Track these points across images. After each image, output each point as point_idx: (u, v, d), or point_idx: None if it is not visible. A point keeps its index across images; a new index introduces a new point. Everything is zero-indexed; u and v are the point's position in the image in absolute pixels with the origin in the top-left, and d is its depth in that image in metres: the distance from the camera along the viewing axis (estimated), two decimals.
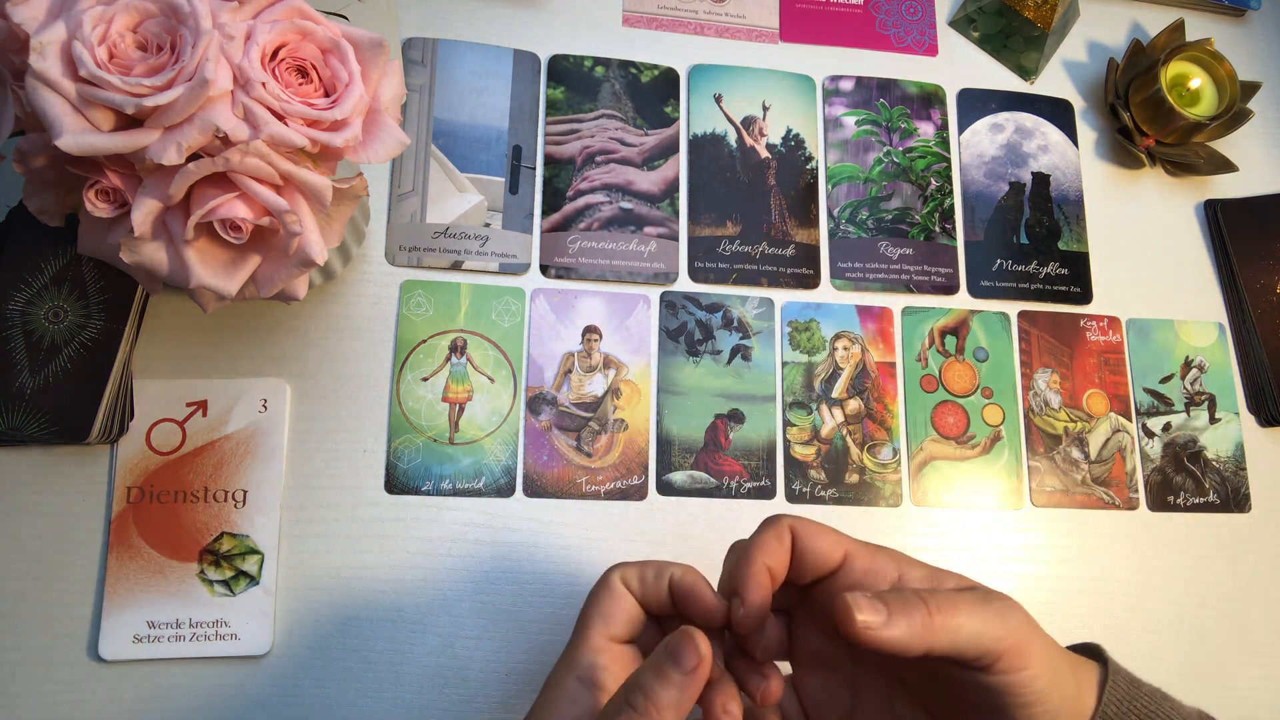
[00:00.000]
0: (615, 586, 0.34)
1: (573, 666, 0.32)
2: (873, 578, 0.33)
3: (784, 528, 0.33)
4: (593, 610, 0.34)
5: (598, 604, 0.34)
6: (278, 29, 0.36)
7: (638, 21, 0.60)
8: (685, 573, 0.34)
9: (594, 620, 0.33)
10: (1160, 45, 0.61)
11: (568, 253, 0.54)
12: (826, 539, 0.33)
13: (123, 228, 0.35)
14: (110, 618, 0.44)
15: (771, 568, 0.33)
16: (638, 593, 0.34)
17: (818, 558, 0.33)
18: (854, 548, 0.33)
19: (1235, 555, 0.55)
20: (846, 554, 0.33)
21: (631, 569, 0.35)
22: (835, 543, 0.33)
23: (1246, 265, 0.60)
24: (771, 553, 0.33)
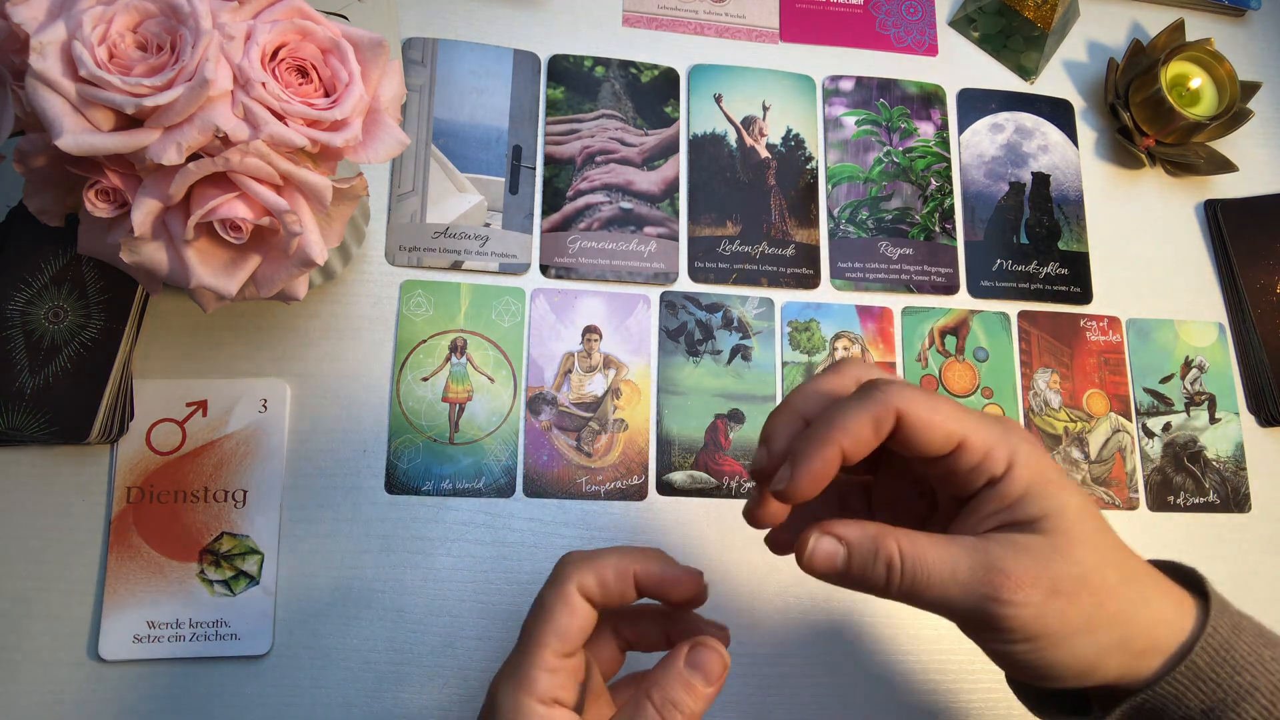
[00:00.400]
0: (573, 601, 0.31)
1: (532, 689, 0.30)
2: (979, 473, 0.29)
3: (888, 411, 0.28)
4: (546, 627, 0.31)
5: (553, 619, 0.31)
6: (278, 29, 0.36)
7: (638, 21, 0.60)
8: (648, 564, 0.32)
9: (548, 639, 0.31)
10: (1160, 45, 0.61)
11: (568, 253, 0.54)
12: (938, 429, 0.29)
13: (123, 228, 0.35)
14: (110, 618, 0.44)
15: (849, 452, 0.29)
16: (599, 601, 0.32)
17: (923, 447, 0.29)
18: (971, 434, 0.29)
19: (1235, 555, 0.55)
20: (960, 444, 0.29)
21: (589, 575, 0.31)
22: (949, 434, 0.29)
23: (1246, 265, 0.60)
24: (858, 439, 0.29)
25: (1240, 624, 0.30)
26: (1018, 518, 0.29)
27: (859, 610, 0.50)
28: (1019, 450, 0.29)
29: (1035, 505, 0.29)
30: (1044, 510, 0.29)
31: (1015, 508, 0.29)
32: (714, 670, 0.30)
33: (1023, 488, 0.29)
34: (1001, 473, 0.29)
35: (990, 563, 0.28)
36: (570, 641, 0.31)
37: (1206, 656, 0.29)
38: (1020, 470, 0.29)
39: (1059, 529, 0.29)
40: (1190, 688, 0.29)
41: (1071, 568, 0.28)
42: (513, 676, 0.31)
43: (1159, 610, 0.30)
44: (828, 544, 0.29)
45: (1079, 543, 0.29)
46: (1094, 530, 0.30)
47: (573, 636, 0.31)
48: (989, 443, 0.29)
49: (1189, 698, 0.29)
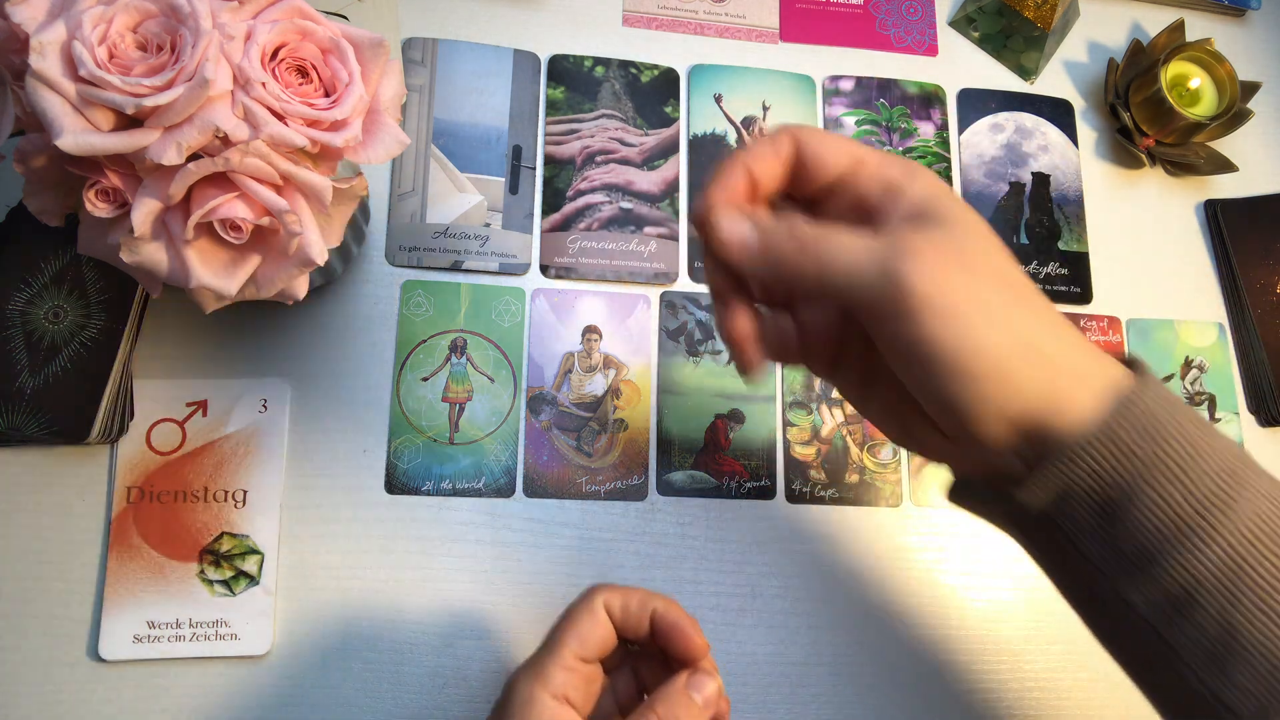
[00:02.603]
0: (598, 611, 0.34)
1: (547, 683, 0.33)
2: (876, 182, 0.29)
3: (785, 136, 0.30)
4: (570, 629, 0.34)
5: (576, 624, 0.34)
6: (278, 29, 0.36)
7: (638, 21, 0.60)
8: (669, 608, 0.35)
9: (570, 639, 0.34)
10: (1160, 45, 0.61)
11: (568, 253, 0.54)
12: (831, 146, 0.30)
13: (123, 228, 0.35)
14: (110, 618, 0.44)
15: (757, 173, 0.30)
16: (618, 620, 0.35)
17: (820, 164, 0.30)
18: (866, 154, 0.30)
19: None
20: (855, 160, 0.30)
21: (615, 595, 0.35)
22: (842, 150, 0.30)
23: (1246, 265, 0.60)
24: (760, 158, 0.30)
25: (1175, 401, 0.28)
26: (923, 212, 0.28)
27: (859, 609, 0.50)
28: (917, 170, 0.29)
29: (936, 206, 0.28)
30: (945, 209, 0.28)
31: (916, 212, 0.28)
32: (711, 693, 0.33)
33: (924, 192, 0.29)
34: (897, 178, 0.29)
35: (897, 241, 0.27)
36: (588, 646, 0.34)
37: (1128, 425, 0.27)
38: (921, 182, 0.29)
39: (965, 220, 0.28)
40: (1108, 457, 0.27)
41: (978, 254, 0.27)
42: (530, 670, 0.33)
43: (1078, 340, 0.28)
44: (739, 221, 0.30)
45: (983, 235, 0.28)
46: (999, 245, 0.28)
47: (591, 642, 0.34)
48: (887, 160, 0.29)
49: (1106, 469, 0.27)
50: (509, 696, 0.33)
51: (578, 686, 0.33)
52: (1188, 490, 0.27)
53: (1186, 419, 0.27)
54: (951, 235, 0.27)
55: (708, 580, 0.50)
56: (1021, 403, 0.27)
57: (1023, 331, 0.27)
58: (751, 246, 0.29)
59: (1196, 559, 0.27)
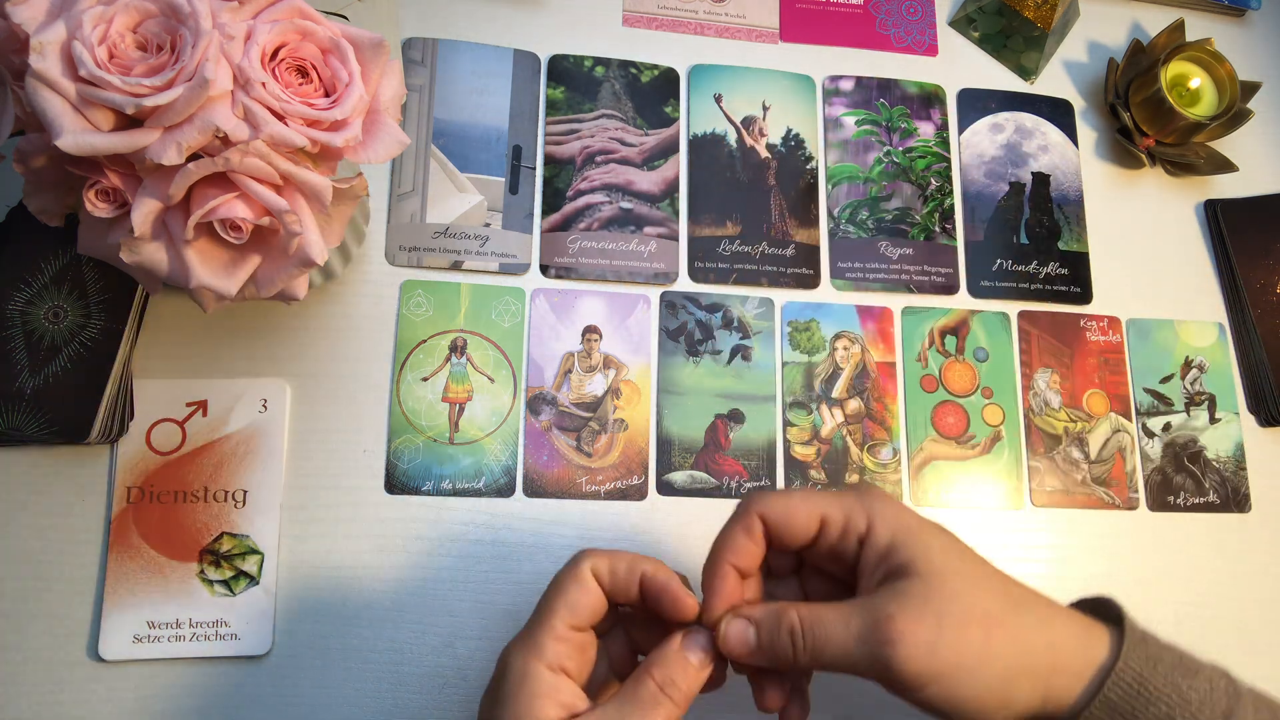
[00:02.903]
0: (585, 578, 0.34)
1: (541, 654, 0.32)
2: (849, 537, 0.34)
3: (753, 519, 0.34)
4: (559, 599, 0.34)
5: (565, 593, 0.34)
6: (278, 29, 0.36)
7: (638, 21, 0.60)
8: (657, 570, 0.34)
9: (559, 609, 0.33)
10: (1160, 45, 0.61)
11: (568, 253, 0.54)
12: (798, 516, 0.34)
13: (123, 228, 0.35)
14: (110, 618, 0.44)
15: (740, 566, 0.35)
16: (607, 585, 0.34)
17: (793, 536, 0.34)
18: (828, 509, 0.34)
19: (1235, 555, 0.55)
20: (821, 521, 0.34)
21: (603, 560, 0.35)
22: (809, 515, 0.34)
23: (1246, 265, 0.60)
24: (738, 550, 0.34)
25: (1158, 654, 0.32)
26: (892, 567, 0.32)
27: None
28: (874, 508, 0.33)
29: (903, 551, 0.32)
30: (911, 554, 0.32)
31: (887, 559, 0.32)
32: (706, 652, 0.33)
33: (888, 538, 0.32)
34: (865, 529, 0.33)
35: (877, 612, 0.31)
36: (579, 615, 0.33)
37: (1119, 690, 0.31)
38: (880, 524, 0.33)
39: (931, 569, 0.31)
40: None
41: (949, 602, 0.31)
42: (523, 643, 0.33)
43: (1057, 633, 0.32)
44: (738, 625, 0.33)
45: (952, 576, 0.31)
46: (964, 564, 0.32)
47: (581, 610, 0.34)
48: (846, 510, 0.33)
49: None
50: (503, 671, 0.33)
51: (572, 655, 0.33)
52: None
53: (1172, 667, 0.31)
54: (925, 591, 0.31)
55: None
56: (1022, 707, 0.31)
57: (1008, 659, 0.31)
58: (752, 644, 0.33)
59: None
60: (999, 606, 0.31)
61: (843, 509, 0.34)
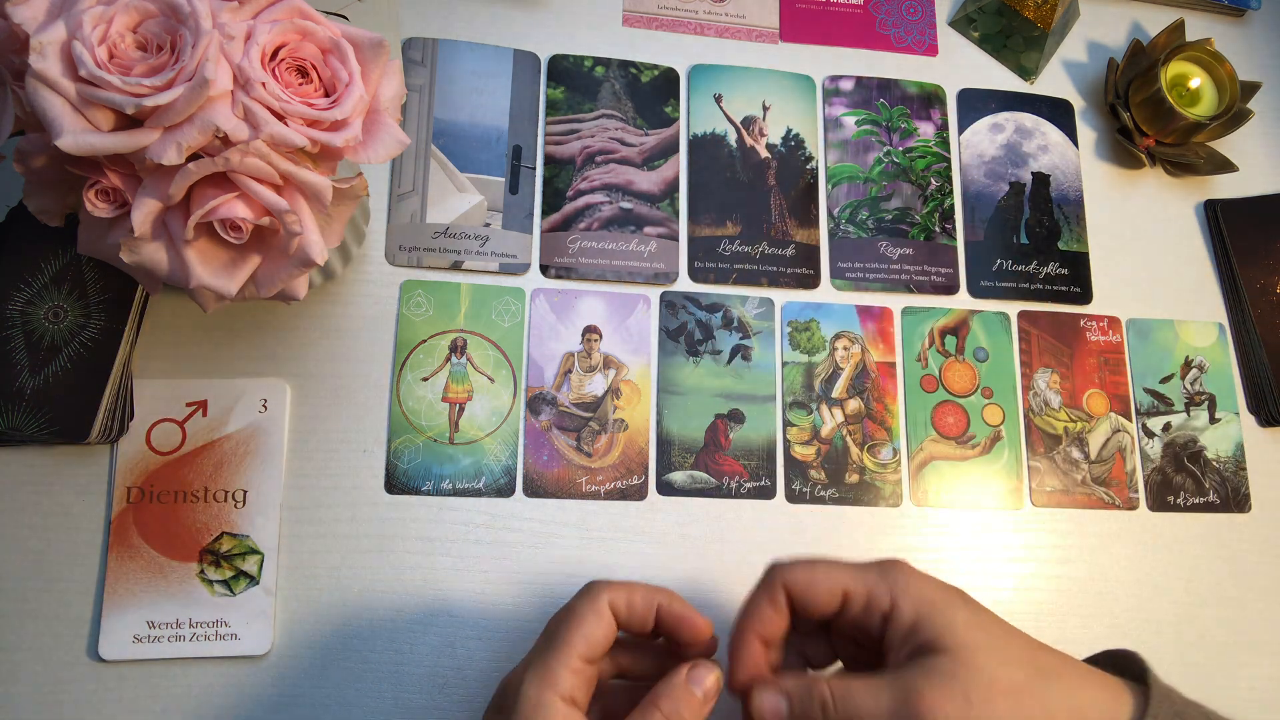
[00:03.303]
0: (604, 612, 0.34)
1: (557, 686, 0.32)
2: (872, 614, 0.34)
3: (777, 591, 0.35)
4: (576, 631, 0.34)
5: (582, 625, 0.34)
6: (278, 29, 0.36)
7: (638, 21, 0.60)
8: (672, 601, 0.35)
9: (576, 641, 0.33)
10: (1160, 45, 0.61)
11: (568, 253, 0.54)
12: (820, 590, 0.34)
13: (123, 228, 0.35)
14: (110, 618, 0.44)
15: (765, 636, 0.35)
16: (623, 618, 0.35)
17: (816, 609, 0.35)
18: (851, 584, 0.34)
19: (1235, 555, 0.55)
20: (844, 596, 0.34)
21: (620, 594, 0.35)
22: (830, 590, 0.34)
23: (1246, 265, 0.60)
24: (763, 621, 0.35)
25: (1183, 711, 0.32)
26: (919, 642, 0.32)
27: None
28: (898, 583, 0.34)
29: (929, 627, 0.32)
30: (937, 629, 0.32)
31: (913, 635, 0.33)
32: (712, 686, 0.34)
33: (912, 614, 0.33)
34: (889, 607, 0.33)
35: (906, 688, 0.31)
36: (595, 648, 0.34)
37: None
38: (904, 600, 0.33)
39: (957, 644, 0.31)
40: None
41: (976, 676, 0.31)
42: (538, 672, 0.33)
43: (1085, 699, 0.32)
44: (771, 698, 0.34)
45: (978, 650, 0.31)
46: (990, 636, 0.32)
47: (597, 644, 0.34)
48: (868, 585, 0.34)
49: None
50: (517, 700, 0.33)
51: (582, 687, 0.34)
52: None
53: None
54: (953, 667, 0.31)
55: (708, 580, 0.50)
56: None
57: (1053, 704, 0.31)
58: (783, 716, 0.34)
59: None
60: (1026, 677, 0.31)
61: (865, 585, 0.34)
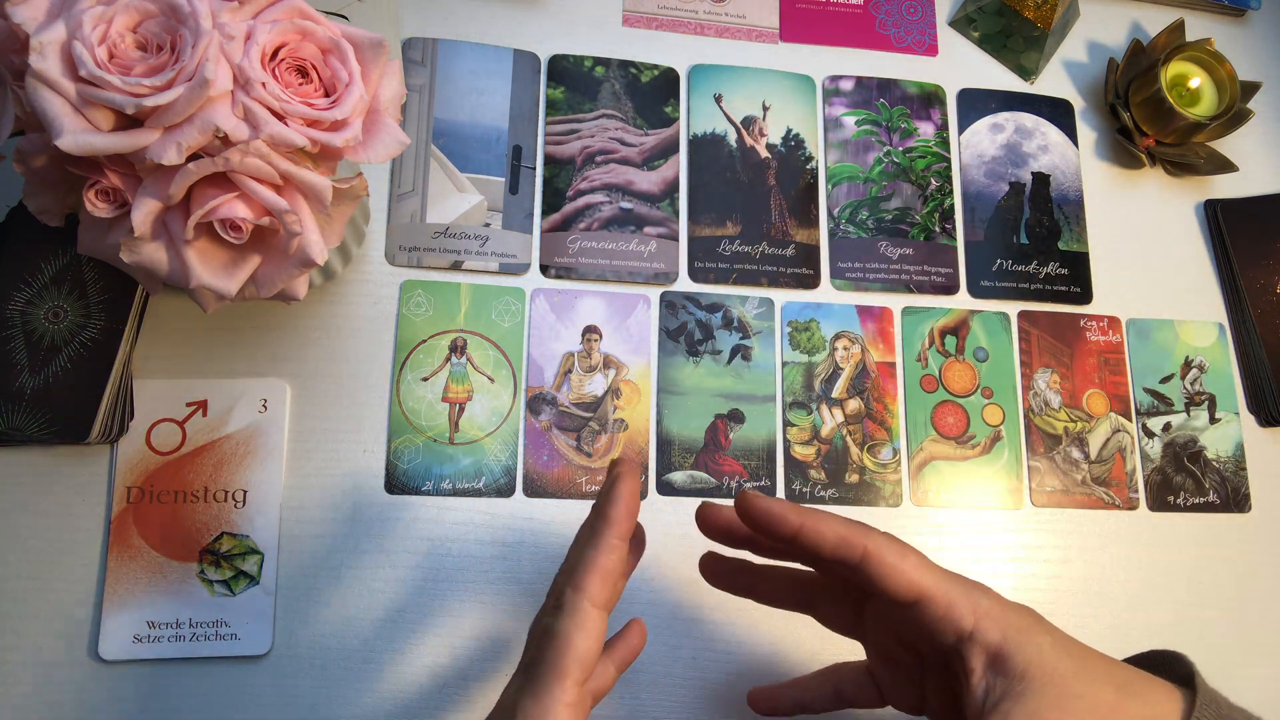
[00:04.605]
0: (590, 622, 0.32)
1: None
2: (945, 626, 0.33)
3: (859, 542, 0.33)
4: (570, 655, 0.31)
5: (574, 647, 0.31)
6: (278, 29, 0.36)
7: (638, 21, 0.60)
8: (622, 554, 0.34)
9: (572, 668, 0.31)
10: (1160, 45, 0.61)
11: (568, 253, 0.54)
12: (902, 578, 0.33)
13: (123, 228, 0.35)
14: (110, 618, 0.44)
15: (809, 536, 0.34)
16: (609, 610, 0.33)
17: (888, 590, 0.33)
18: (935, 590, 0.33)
19: (1235, 555, 0.55)
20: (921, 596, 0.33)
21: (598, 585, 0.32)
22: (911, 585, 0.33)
23: (1246, 265, 0.60)
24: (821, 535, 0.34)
25: (1230, 716, 0.31)
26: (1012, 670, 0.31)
27: None
28: (981, 604, 0.32)
29: (1019, 655, 0.31)
30: (1027, 657, 0.31)
31: (1002, 660, 0.31)
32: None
33: (999, 639, 0.32)
34: (970, 628, 0.32)
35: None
36: (590, 666, 0.31)
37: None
38: (989, 624, 0.32)
39: (1051, 671, 0.31)
40: None
41: (1077, 703, 0.30)
42: (536, 708, 0.30)
43: (1154, 708, 0.31)
44: None
45: (1070, 677, 0.31)
46: (1074, 659, 0.32)
47: (593, 659, 0.31)
48: (951, 597, 0.32)
49: None
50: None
51: (584, 713, 0.32)
52: None
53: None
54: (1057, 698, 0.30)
55: None
56: None
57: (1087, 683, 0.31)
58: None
59: None
60: (1114, 696, 0.31)
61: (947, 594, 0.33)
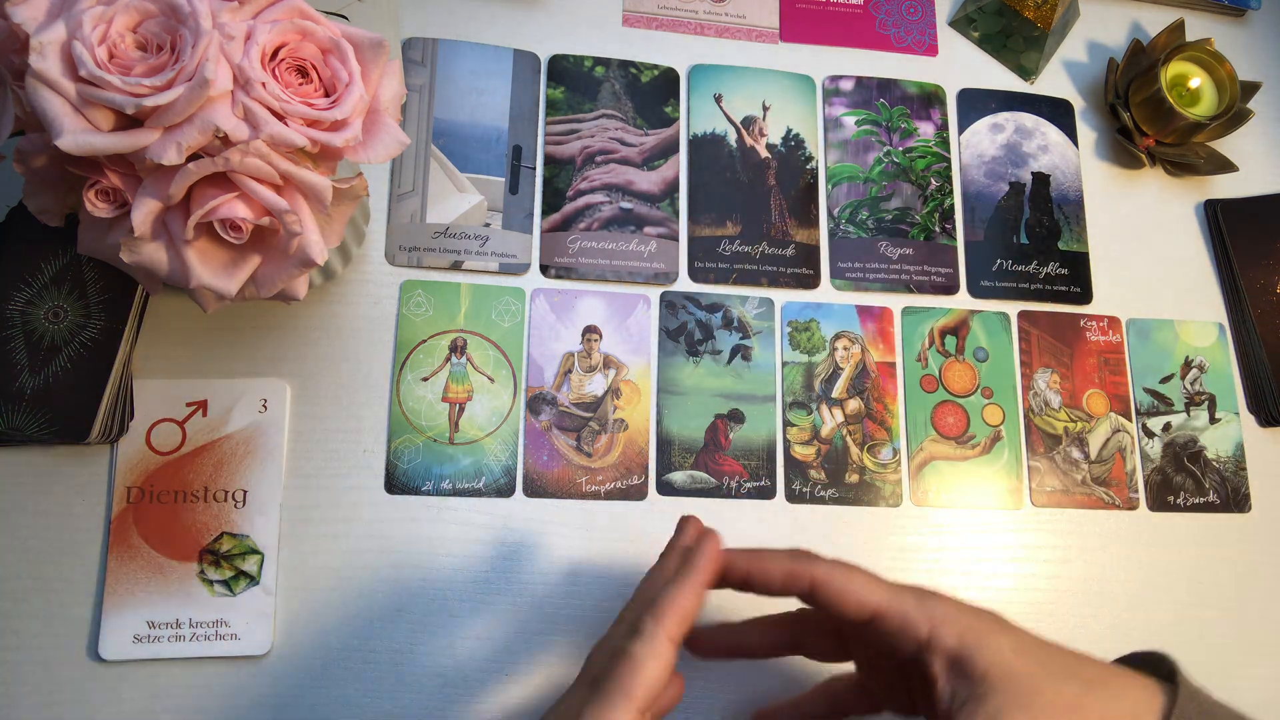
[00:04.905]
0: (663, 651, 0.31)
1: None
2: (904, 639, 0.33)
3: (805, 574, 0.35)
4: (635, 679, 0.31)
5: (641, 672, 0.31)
6: (278, 29, 0.36)
7: (638, 21, 0.60)
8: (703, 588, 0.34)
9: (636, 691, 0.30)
10: (1160, 45, 0.61)
11: (568, 253, 0.54)
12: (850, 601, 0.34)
13: (123, 228, 0.35)
14: (110, 618, 0.44)
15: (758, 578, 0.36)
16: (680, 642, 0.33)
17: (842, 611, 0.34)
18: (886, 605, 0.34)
19: (1235, 555, 0.55)
20: (876, 614, 0.34)
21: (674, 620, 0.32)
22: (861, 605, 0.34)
23: (1246, 265, 0.60)
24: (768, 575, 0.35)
25: (1211, 710, 0.32)
26: (973, 674, 0.31)
27: None
28: (936, 611, 0.33)
29: (979, 658, 0.31)
30: (987, 660, 0.31)
31: (962, 665, 0.32)
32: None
33: (956, 644, 0.32)
34: (926, 636, 0.33)
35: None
36: (654, 695, 0.31)
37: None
38: (945, 630, 0.32)
39: (1012, 672, 0.31)
40: None
41: (1039, 701, 0.30)
42: None
43: (1128, 702, 0.32)
44: None
45: (1033, 676, 0.31)
46: (1037, 658, 0.32)
47: (659, 689, 0.31)
48: (903, 609, 0.33)
49: None
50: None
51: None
52: None
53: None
54: (1019, 699, 0.30)
55: None
56: None
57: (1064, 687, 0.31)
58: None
59: None
60: (1079, 692, 0.31)
61: (901, 608, 0.33)
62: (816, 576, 0.34)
